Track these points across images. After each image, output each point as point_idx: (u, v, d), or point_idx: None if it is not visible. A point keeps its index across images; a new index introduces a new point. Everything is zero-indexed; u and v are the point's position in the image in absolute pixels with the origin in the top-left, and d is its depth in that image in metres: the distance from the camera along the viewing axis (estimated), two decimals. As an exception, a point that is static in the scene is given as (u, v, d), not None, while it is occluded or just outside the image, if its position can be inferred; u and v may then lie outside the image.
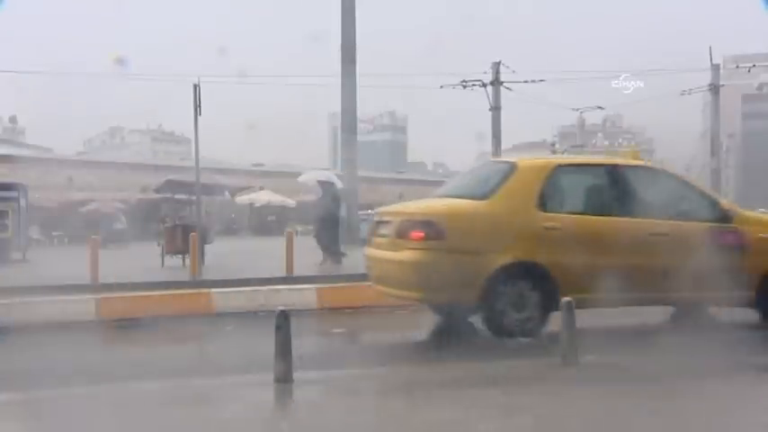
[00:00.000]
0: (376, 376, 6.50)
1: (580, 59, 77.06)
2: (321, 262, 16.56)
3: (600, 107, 42.88)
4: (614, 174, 8.55)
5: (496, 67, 32.46)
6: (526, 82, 32.49)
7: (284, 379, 5.84)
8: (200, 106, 14.42)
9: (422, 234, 7.83)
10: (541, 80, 32.94)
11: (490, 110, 32.69)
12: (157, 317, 9.55)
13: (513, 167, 8.37)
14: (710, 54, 35.54)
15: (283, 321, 5.93)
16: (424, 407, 5.53)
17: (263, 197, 44.09)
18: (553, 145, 68.42)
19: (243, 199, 42.43)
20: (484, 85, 32.40)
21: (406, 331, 9.80)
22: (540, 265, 7.77)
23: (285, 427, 5.40)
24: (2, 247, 20.49)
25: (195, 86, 14.39)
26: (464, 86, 32.89)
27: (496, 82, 32.41)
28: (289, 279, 13.60)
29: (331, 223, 17.15)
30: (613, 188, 8.41)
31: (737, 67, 50.67)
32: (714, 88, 36.45)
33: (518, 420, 5.20)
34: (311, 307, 10.42)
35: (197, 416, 5.39)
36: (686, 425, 5.06)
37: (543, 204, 8.01)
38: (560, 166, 8.61)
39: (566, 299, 6.56)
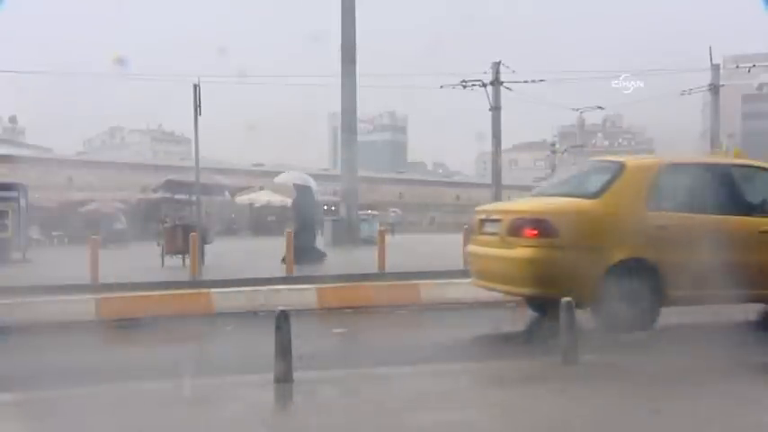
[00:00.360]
0: (376, 376, 6.50)
1: (580, 59, 76.82)
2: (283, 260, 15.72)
3: (600, 107, 43.07)
4: (721, 172, 8.69)
5: (496, 67, 32.48)
6: (526, 82, 32.57)
7: (284, 379, 5.85)
8: (200, 106, 14.45)
9: (536, 232, 7.98)
10: (541, 80, 33.04)
11: (490, 110, 32.70)
12: (157, 317, 9.56)
13: (621, 167, 8.48)
14: (710, 54, 35.60)
15: (283, 321, 5.94)
16: (423, 406, 5.53)
17: (262, 197, 44.01)
18: (553, 145, 68.48)
19: (243, 199, 42.43)
20: (484, 85, 32.43)
21: (406, 331, 9.82)
22: (650, 263, 7.89)
23: (285, 427, 5.40)
24: (2, 247, 20.47)
25: (195, 86, 14.42)
26: (464, 86, 32.93)
27: (496, 82, 32.43)
28: (289, 279, 13.63)
29: (307, 225, 17.11)
30: (721, 186, 8.45)
31: (737, 67, 50.58)
32: (714, 88, 36.45)
33: (518, 420, 5.21)
34: (311, 307, 10.43)
35: (197, 416, 5.39)
36: (686, 425, 5.06)
37: (652, 203, 8.11)
38: (668, 165, 8.66)
39: (565, 299, 6.56)
